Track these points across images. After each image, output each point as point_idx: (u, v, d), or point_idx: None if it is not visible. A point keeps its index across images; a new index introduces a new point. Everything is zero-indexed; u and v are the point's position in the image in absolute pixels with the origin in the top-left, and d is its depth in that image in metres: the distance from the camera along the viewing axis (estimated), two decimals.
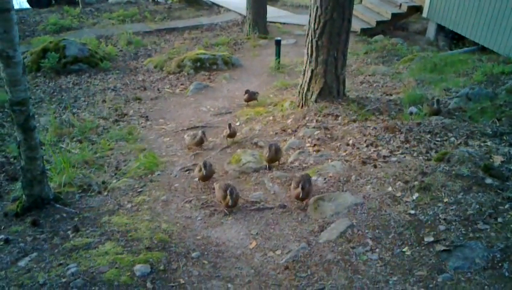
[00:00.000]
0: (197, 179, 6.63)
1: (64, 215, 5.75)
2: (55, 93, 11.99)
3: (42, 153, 5.84)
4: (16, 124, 5.46)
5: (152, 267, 4.63)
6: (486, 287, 4.07)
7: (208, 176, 6.43)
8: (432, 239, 4.69)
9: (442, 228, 4.81)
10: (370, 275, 4.46)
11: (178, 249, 5.07)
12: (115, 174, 7.14)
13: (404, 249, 4.70)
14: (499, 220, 4.74)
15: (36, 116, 9.49)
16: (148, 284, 4.41)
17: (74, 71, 13.35)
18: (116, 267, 4.57)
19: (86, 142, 8.45)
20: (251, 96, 9.91)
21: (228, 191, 5.38)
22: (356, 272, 4.54)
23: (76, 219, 5.66)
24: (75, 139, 8.73)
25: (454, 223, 4.82)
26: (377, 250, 4.77)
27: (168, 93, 12.09)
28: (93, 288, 4.29)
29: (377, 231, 5.04)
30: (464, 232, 4.69)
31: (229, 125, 8.23)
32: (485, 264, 4.30)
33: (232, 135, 8.24)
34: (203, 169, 6.31)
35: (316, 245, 5.07)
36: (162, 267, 4.67)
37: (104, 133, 9.18)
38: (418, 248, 4.68)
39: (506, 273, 4.16)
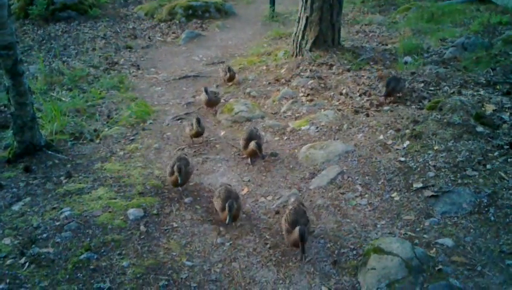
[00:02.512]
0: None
1: (57, 161, 5.76)
2: (44, 41, 11.71)
3: (32, 99, 5.76)
4: (4, 69, 5.35)
5: (145, 212, 4.70)
6: (472, 230, 4.19)
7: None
8: (420, 185, 4.77)
9: (431, 174, 4.88)
10: (358, 219, 4.56)
11: (171, 194, 5.13)
12: (107, 122, 7.09)
13: (393, 195, 4.79)
14: (488, 167, 4.80)
15: (25, 64, 9.30)
16: (142, 227, 4.49)
17: (63, 18, 12.99)
18: (110, 212, 4.63)
19: (76, 91, 8.33)
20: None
21: (227, 206, 4.36)
22: (345, 216, 4.64)
23: (68, 166, 5.67)
24: (65, 88, 8.60)
25: (443, 170, 4.89)
26: (366, 196, 4.85)
27: (160, 42, 11.85)
28: (87, 231, 4.36)
29: (366, 177, 5.10)
30: (452, 178, 4.77)
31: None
32: (471, 209, 4.40)
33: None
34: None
35: (307, 191, 5.14)
36: (155, 212, 4.74)
37: (94, 81, 9.04)
38: (406, 193, 4.77)
39: (492, 218, 4.27)
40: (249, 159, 5.83)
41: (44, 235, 4.29)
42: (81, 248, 4.13)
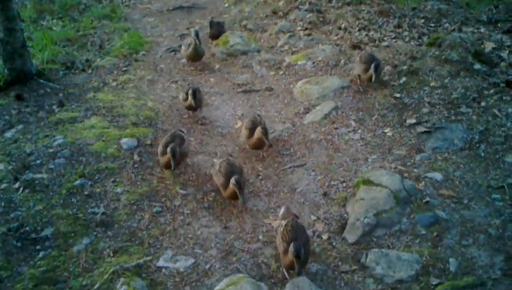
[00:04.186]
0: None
1: (49, 90, 5.68)
2: None
3: (21, 26, 5.59)
4: None
5: (139, 142, 4.70)
6: (461, 166, 4.25)
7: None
8: (414, 121, 4.78)
9: (425, 110, 4.88)
10: (350, 153, 4.60)
11: (164, 126, 5.12)
12: (99, 52, 6.94)
13: (385, 130, 4.80)
14: (482, 104, 4.80)
15: None
16: (135, 157, 4.51)
17: None
18: (103, 140, 4.63)
19: (67, 20, 8.08)
20: None
21: (235, 181, 3.83)
22: (337, 150, 4.67)
23: (60, 95, 5.60)
24: (55, 17, 8.33)
25: (437, 106, 4.88)
26: (359, 131, 4.86)
27: None
28: (80, 158, 4.38)
29: (360, 113, 5.10)
30: (446, 115, 4.77)
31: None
32: (463, 145, 4.44)
33: None
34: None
35: (301, 126, 5.14)
36: (148, 142, 4.75)
37: (86, 11, 8.75)
38: (399, 129, 4.78)
39: (482, 154, 4.32)
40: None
41: (38, 161, 4.32)
42: (75, 174, 4.17)
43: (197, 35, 5.97)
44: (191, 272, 3.42)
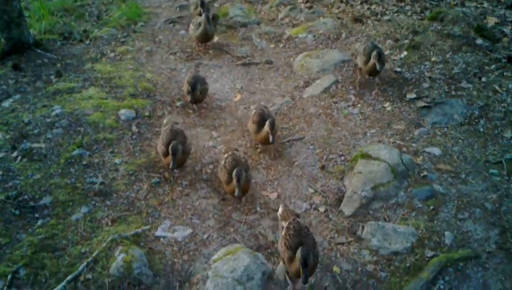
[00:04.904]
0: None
1: (46, 60, 5.62)
2: None
3: None
4: None
5: (137, 113, 4.68)
6: (460, 141, 4.24)
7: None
8: (414, 96, 4.75)
9: (425, 85, 4.85)
10: (349, 128, 4.59)
11: (163, 98, 5.08)
12: (97, 23, 6.84)
13: (385, 105, 4.78)
14: (483, 79, 4.76)
15: None
16: (134, 128, 4.50)
17: None
18: (101, 111, 4.60)
19: None
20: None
21: (235, 176, 3.58)
22: (336, 124, 4.66)
23: (58, 65, 5.54)
24: None
25: (438, 81, 4.85)
26: (359, 105, 4.84)
27: None
28: (78, 129, 4.36)
29: (361, 87, 5.06)
30: (446, 90, 4.74)
31: None
32: (462, 120, 4.43)
33: None
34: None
35: (300, 100, 5.11)
36: (147, 114, 4.72)
37: None
38: (399, 104, 4.76)
39: (481, 129, 4.31)
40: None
41: (36, 131, 4.30)
42: (73, 144, 4.16)
43: (207, 17, 5.76)
44: (188, 242, 3.44)
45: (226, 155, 3.88)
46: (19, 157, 3.97)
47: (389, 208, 3.66)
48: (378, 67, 4.64)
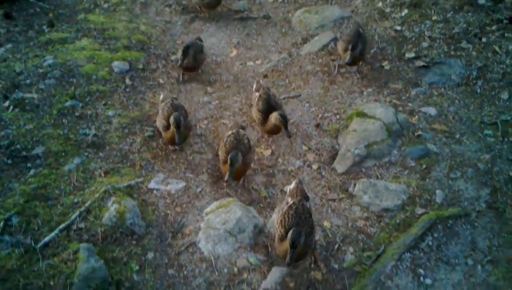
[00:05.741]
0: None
1: (38, 10, 5.45)
2: None
3: None
4: None
5: (130, 66, 4.60)
6: (456, 101, 4.21)
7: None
8: (413, 55, 4.68)
9: (425, 45, 4.77)
10: (346, 86, 4.54)
11: (157, 51, 4.99)
12: None
13: (383, 64, 4.71)
14: (483, 40, 4.68)
15: None
16: (127, 81, 4.43)
17: None
18: (94, 63, 4.52)
19: None
20: None
21: (229, 158, 3.33)
22: (333, 82, 4.60)
23: (50, 15, 5.38)
24: None
25: (438, 41, 4.77)
26: (357, 63, 4.76)
27: None
28: (71, 80, 4.29)
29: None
30: (446, 50, 4.67)
31: None
32: (460, 81, 4.38)
33: None
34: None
35: (297, 56, 5.03)
36: (140, 66, 4.64)
37: None
38: (397, 63, 4.69)
39: (478, 90, 4.27)
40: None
41: (28, 81, 4.23)
42: (66, 95, 4.11)
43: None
44: (181, 195, 3.47)
45: (229, 133, 3.62)
46: (11, 107, 3.92)
47: (382, 166, 3.68)
48: (347, 59, 4.34)
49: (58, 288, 2.68)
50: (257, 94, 3.98)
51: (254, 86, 4.16)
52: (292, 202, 2.96)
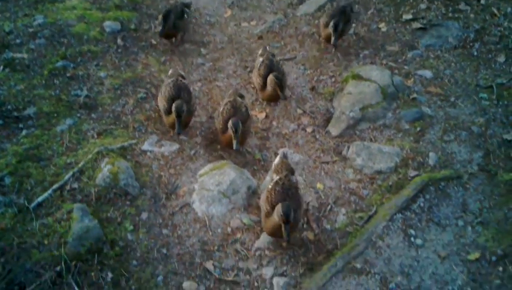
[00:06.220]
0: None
1: None
2: None
3: None
4: None
5: (122, 26, 4.49)
6: (453, 64, 4.17)
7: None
8: (410, 17, 4.61)
9: (423, 6, 4.68)
10: (342, 49, 4.47)
11: (150, 11, 4.87)
12: None
13: (380, 26, 4.64)
14: (482, 1, 4.61)
15: None
16: (119, 41, 4.33)
17: None
18: (85, 22, 4.41)
19: None
20: None
21: (231, 126, 3.25)
22: (329, 44, 4.52)
23: None
24: None
25: (436, 3, 4.68)
26: (353, 25, 4.67)
27: None
28: (62, 40, 4.20)
29: (356, 6, 4.86)
30: (443, 12, 4.60)
31: None
32: (457, 43, 4.33)
33: None
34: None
35: (293, 17, 4.94)
36: (132, 27, 4.54)
37: None
38: (394, 25, 4.62)
39: (475, 53, 4.23)
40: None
41: (18, 40, 4.13)
42: (57, 55, 4.02)
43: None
44: (175, 157, 3.46)
45: (225, 101, 3.51)
46: (1, 67, 3.84)
47: (376, 128, 3.67)
48: (332, 40, 4.14)
49: (53, 247, 2.70)
50: (261, 59, 3.91)
51: (259, 51, 4.11)
52: (278, 177, 2.90)
